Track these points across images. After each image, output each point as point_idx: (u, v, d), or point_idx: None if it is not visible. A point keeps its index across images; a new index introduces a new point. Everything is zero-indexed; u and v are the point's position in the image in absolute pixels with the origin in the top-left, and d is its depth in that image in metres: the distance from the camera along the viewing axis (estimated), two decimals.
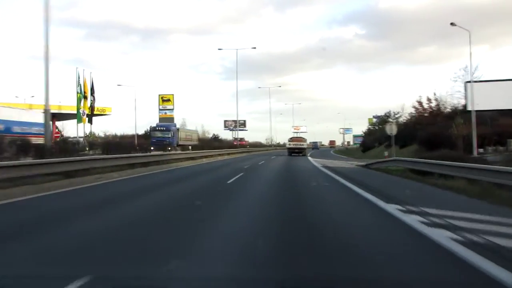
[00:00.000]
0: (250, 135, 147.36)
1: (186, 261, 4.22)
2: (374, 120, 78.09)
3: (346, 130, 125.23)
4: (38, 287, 3.61)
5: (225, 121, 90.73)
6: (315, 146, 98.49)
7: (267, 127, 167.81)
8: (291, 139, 46.87)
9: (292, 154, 41.85)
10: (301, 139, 47.17)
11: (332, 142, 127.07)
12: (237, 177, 14.79)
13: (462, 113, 28.35)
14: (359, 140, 71.60)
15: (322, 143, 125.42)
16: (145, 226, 6.03)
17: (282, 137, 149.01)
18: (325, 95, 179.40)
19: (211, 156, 35.10)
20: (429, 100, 38.18)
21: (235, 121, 79.43)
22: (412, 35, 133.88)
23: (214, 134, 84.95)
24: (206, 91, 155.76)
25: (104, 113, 48.88)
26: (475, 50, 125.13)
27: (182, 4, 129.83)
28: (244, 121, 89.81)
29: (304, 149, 44.21)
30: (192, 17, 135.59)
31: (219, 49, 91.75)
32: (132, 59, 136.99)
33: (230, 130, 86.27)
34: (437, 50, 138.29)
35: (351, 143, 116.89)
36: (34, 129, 27.98)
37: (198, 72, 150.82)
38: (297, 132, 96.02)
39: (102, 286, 3.60)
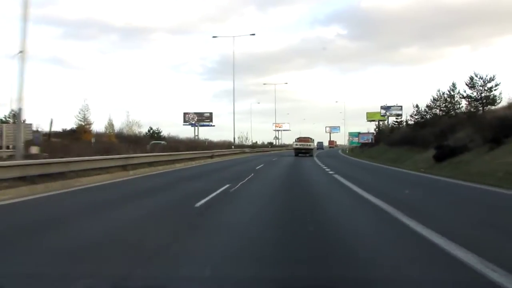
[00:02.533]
0: (223, 135, 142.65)
1: None
2: (383, 112, 72.93)
3: (333, 129, 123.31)
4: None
5: (185, 114, 70.31)
6: (320, 146, 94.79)
7: (247, 127, 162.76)
8: (298, 139, 45.17)
9: (299, 155, 40.71)
10: (308, 139, 45.23)
11: (331, 142, 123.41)
12: None
13: None
14: (365, 138, 63.54)
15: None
16: None
17: (263, 137, 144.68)
18: (307, 96, 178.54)
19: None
20: None
21: (199, 114, 69.17)
22: (394, 36, 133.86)
23: (152, 130, 55.64)
24: (186, 91, 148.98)
25: None
26: (456, 51, 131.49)
27: (162, 2, 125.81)
28: (210, 113, 70.61)
29: (311, 149, 42.92)
30: (173, 15, 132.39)
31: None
32: (111, 59, 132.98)
33: (192, 126, 69.04)
34: (419, 51, 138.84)
35: (344, 143, 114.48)
36: None
37: (179, 72, 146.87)
38: (279, 130, 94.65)
39: None
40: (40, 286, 3.65)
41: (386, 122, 71.23)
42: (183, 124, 70.10)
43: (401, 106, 72.32)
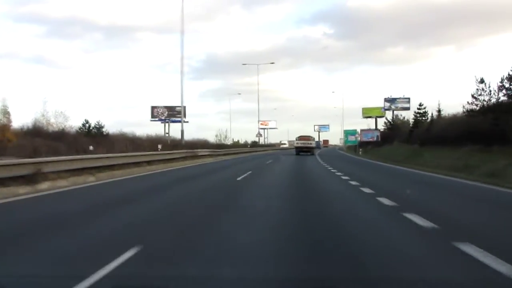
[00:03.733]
0: (209, 135, 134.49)
1: None
2: (387, 105, 64.01)
3: (322, 128, 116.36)
4: None
5: (153, 108, 58.91)
6: (317, 145, 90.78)
7: (234, 127, 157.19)
8: (299, 138, 44.42)
9: (300, 153, 40.10)
10: (309, 138, 44.81)
11: (325, 142, 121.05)
12: None
13: None
14: (369, 136, 55.36)
15: None
16: None
17: (249, 137, 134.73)
18: (293, 95, 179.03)
19: None
20: None
21: (169, 108, 57.08)
22: (381, 36, 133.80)
23: (88, 125, 35.03)
24: (172, 91, 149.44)
25: None
26: (441, 51, 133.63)
27: (147, 0, 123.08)
28: (184, 108, 55.31)
29: (313, 148, 42.28)
30: (157, 14, 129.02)
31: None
32: (95, 58, 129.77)
33: (162, 122, 58.41)
34: (405, 50, 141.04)
35: (337, 142, 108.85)
36: None
37: (164, 72, 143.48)
38: (264, 128, 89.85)
39: None
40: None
41: (390, 116, 63.22)
42: (151, 120, 58.46)
43: (409, 98, 62.70)
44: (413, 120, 48.84)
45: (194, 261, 4.14)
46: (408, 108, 60.96)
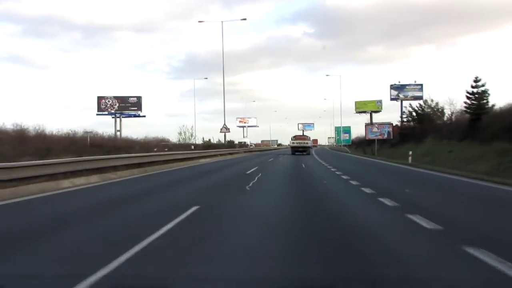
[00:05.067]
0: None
1: None
2: (394, 94, 52.27)
3: (307, 126, 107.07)
4: None
5: (100, 98, 48.30)
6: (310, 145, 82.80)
7: (214, 127, 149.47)
8: (295, 137, 44.86)
9: (296, 153, 40.44)
10: (305, 138, 45.35)
11: (315, 141, 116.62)
12: None
13: None
14: (376, 133, 47.05)
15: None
16: None
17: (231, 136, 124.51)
18: (275, 95, 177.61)
19: None
20: None
21: (121, 99, 47.26)
22: (361, 35, 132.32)
23: None
24: (152, 91, 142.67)
25: None
26: (421, 50, 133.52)
27: None
28: (139, 98, 48.69)
29: (308, 147, 42.32)
30: (136, 13, 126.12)
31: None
32: (74, 58, 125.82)
33: (113, 117, 47.76)
34: (385, 50, 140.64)
35: (327, 142, 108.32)
36: None
37: (144, 71, 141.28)
38: (244, 126, 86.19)
39: None
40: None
41: (396, 108, 56.66)
42: (97, 114, 45.65)
43: (421, 85, 51.38)
44: (468, 105, 29.84)
45: None
46: (420, 97, 49.27)
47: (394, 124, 48.79)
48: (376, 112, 60.82)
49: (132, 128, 55.61)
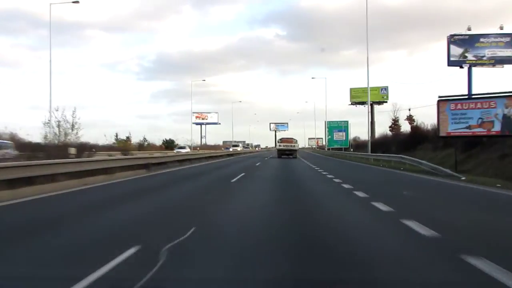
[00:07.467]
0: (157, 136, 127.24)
1: None
2: (457, 53, 28.07)
3: (280, 126, 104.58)
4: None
5: None
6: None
7: (186, 129, 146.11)
8: (281, 140, 43.66)
9: (282, 156, 39.81)
10: (292, 140, 42.85)
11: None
12: None
13: None
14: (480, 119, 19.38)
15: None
16: None
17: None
18: (248, 97, 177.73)
19: None
20: None
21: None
22: (334, 38, 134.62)
23: None
24: (122, 91, 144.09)
25: None
26: (393, 55, 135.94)
27: None
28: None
29: (295, 150, 41.66)
30: (106, 11, 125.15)
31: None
32: (41, 56, 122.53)
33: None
34: (358, 54, 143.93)
35: (306, 144, 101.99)
36: None
37: (114, 72, 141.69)
38: (202, 123, 78.70)
39: None
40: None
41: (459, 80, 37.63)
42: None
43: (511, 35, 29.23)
44: None
45: None
46: (510, 60, 28.14)
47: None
48: (379, 103, 51.49)
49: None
